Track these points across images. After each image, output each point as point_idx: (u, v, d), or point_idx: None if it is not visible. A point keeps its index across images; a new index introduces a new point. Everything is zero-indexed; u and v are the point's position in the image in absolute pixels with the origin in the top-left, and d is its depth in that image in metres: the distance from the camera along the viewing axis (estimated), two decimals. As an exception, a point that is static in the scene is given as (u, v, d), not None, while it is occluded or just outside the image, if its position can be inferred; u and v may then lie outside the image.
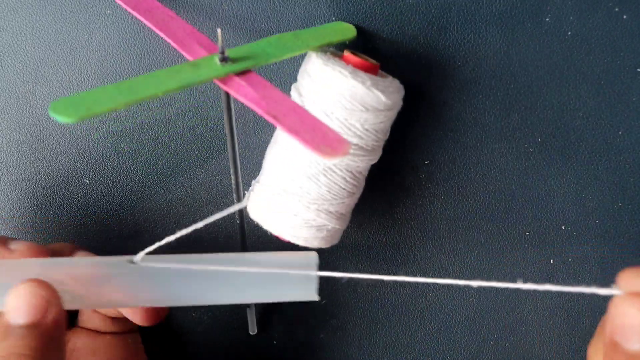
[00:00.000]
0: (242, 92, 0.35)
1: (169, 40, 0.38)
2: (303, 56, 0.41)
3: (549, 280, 0.46)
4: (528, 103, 0.44)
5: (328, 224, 0.40)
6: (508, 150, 0.44)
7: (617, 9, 0.42)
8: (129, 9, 0.40)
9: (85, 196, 0.45)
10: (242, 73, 0.36)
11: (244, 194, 0.41)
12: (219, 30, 0.35)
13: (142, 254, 0.37)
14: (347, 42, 0.42)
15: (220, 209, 0.45)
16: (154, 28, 0.38)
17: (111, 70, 0.44)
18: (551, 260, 0.46)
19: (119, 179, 0.45)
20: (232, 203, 0.45)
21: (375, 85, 0.38)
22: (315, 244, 0.41)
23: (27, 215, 0.45)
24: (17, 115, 0.44)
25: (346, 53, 0.40)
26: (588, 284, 0.46)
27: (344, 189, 0.40)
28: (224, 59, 0.36)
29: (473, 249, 0.46)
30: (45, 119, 0.44)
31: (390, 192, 0.44)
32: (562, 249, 0.45)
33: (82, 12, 0.43)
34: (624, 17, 0.42)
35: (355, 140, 0.38)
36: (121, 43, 0.43)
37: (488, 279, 0.46)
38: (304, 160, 0.38)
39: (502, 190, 0.45)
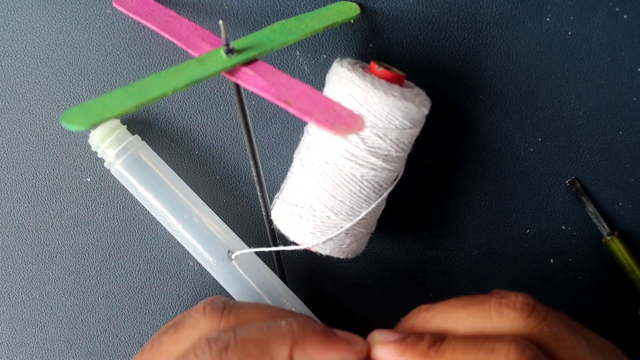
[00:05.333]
0: (251, 81, 0.35)
1: (173, 40, 0.38)
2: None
3: (549, 280, 0.46)
4: (528, 103, 0.44)
5: (364, 230, 0.41)
6: (508, 150, 0.44)
7: (617, 9, 0.42)
8: (130, 15, 0.40)
9: (87, 195, 0.45)
10: (249, 63, 0.36)
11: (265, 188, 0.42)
12: (220, 22, 0.35)
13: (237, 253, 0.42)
14: (352, 21, 0.42)
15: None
16: (157, 30, 0.38)
17: (111, 70, 0.43)
18: (551, 260, 0.46)
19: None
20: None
21: (422, 102, 0.38)
22: (359, 251, 0.41)
23: (27, 214, 0.45)
24: (17, 115, 0.44)
25: (375, 66, 0.39)
26: (589, 284, 0.46)
27: (379, 195, 0.40)
28: (229, 51, 0.36)
29: (473, 249, 0.45)
30: (46, 118, 0.44)
31: (390, 192, 0.44)
32: (563, 250, 0.45)
33: (82, 12, 0.43)
34: (624, 17, 0.42)
35: (402, 155, 0.39)
36: (121, 43, 0.43)
37: (489, 279, 0.46)
38: (355, 182, 0.38)
39: (503, 190, 0.45)
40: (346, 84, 0.38)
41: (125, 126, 0.43)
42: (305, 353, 0.33)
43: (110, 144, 0.42)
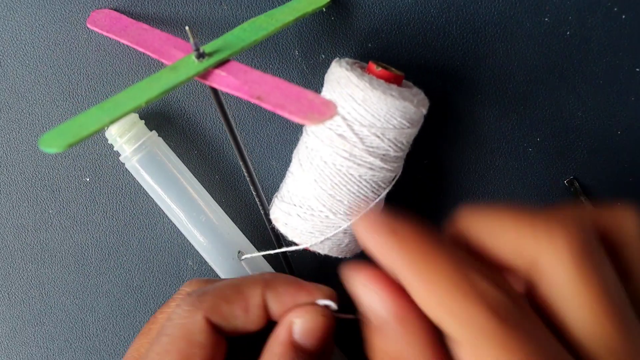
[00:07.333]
0: (224, 82, 0.35)
1: (147, 52, 0.38)
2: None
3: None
4: (526, 103, 0.44)
5: None
6: (506, 150, 0.44)
7: (615, 9, 0.42)
8: (105, 33, 0.41)
9: (86, 195, 0.45)
10: (221, 65, 0.36)
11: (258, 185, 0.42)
12: (187, 28, 0.35)
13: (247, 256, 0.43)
14: (324, 9, 0.42)
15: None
16: (129, 44, 0.39)
17: (111, 70, 0.44)
18: (550, 260, 0.46)
19: (120, 177, 0.45)
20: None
21: (420, 102, 0.38)
22: (357, 251, 0.41)
23: (27, 214, 0.45)
24: (17, 115, 0.44)
25: (374, 66, 0.39)
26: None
27: (377, 195, 0.40)
28: (200, 56, 0.36)
29: (472, 248, 0.46)
30: (45, 118, 0.44)
31: (388, 192, 0.44)
32: (561, 249, 0.45)
33: (81, 11, 0.43)
34: (623, 17, 0.42)
35: (400, 154, 0.39)
36: (121, 42, 0.43)
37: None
38: (353, 182, 0.38)
39: (501, 190, 0.45)
40: (345, 84, 0.38)
41: (143, 121, 0.43)
42: (277, 293, 0.36)
43: (128, 140, 0.42)
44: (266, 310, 0.36)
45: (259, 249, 0.44)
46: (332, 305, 0.37)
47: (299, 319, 0.36)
